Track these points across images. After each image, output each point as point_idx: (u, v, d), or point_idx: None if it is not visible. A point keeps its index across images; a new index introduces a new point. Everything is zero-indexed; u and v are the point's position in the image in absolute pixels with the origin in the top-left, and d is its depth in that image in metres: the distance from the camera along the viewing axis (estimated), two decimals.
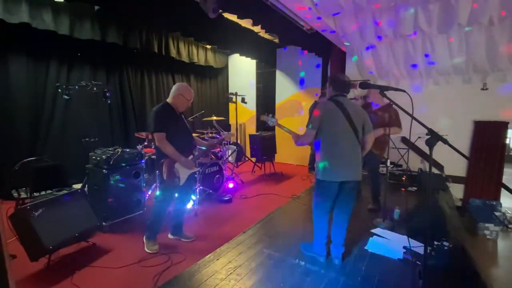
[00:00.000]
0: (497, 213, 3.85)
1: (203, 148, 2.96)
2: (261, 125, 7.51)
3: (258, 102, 7.76)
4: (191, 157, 2.72)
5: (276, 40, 6.09)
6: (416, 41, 4.64)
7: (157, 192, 2.89)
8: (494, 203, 4.06)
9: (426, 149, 1.44)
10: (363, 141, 2.32)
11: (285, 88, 7.15)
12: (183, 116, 2.76)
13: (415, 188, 4.39)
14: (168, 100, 2.67)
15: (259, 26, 4.31)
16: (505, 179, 4.67)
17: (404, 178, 4.64)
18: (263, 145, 5.73)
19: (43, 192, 3.19)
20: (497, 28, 3.99)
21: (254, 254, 2.51)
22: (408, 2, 3.99)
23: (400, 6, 4.07)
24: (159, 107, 2.59)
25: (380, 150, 3.43)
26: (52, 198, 2.57)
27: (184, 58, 6.20)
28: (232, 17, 4.59)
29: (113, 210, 3.12)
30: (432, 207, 2.75)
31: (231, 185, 4.64)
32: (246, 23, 4.98)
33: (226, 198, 4.14)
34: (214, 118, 5.08)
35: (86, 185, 3.36)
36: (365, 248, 2.62)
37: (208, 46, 6.85)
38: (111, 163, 3.07)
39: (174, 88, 2.68)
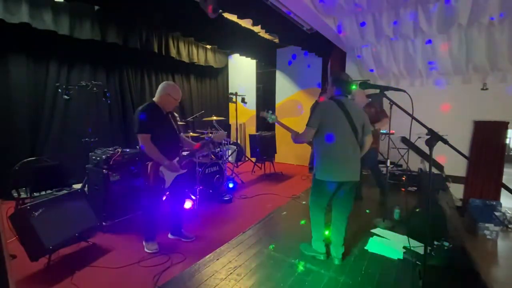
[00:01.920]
0: (497, 213, 3.85)
1: (185, 154, 2.87)
2: (261, 125, 7.51)
3: (258, 102, 7.76)
4: (177, 159, 2.63)
5: (276, 40, 6.09)
6: (416, 41, 4.64)
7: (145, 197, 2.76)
8: (494, 203, 4.06)
9: (426, 149, 1.44)
10: (363, 142, 2.32)
11: (285, 88, 7.15)
12: (170, 116, 2.65)
13: (415, 188, 4.39)
14: (155, 99, 2.56)
15: (259, 26, 4.31)
16: (505, 179, 4.67)
17: (404, 178, 4.64)
18: (263, 145, 5.73)
19: (43, 192, 3.19)
20: (497, 28, 3.99)
21: (254, 254, 2.51)
22: (408, 2, 3.99)
23: (400, 6, 4.07)
24: (144, 107, 2.48)
25: (377, 143, 3.68)
26: (52, 198, 2.57)
27: (184, 58, 6.20)
28: (232, 17, 4.59)
29: (113, 210, 3.12)
30: (432, 207, 2.74)
31: (231, 185, 4.63)
32: (246, 23, 4.97)
33: (226, 198, 4.14)
34: (214, 118, 5.08)
35: (86, 185, 3.36)
36: (365, 248, 2.62)
37: (208, 46, 6.85)
38: (111, 163, 3.07)
39: (160, 87, 2.57)
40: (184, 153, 2.94)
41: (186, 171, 2.78)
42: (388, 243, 2.69)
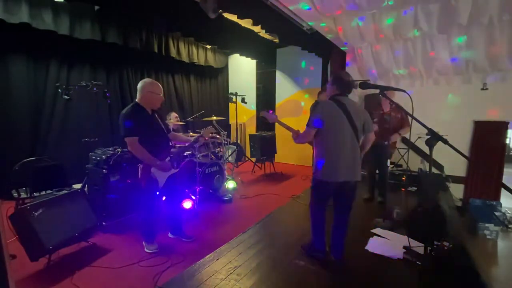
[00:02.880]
0: (497, 213, 3.84)
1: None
2: (261, 125, 7.51)
3: (258, 102, 7.76)
4: (168, 158, 2.61)
5: (276, 40, 6.08)
6: (416, 41, 4.64)
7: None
8: (494, 203, 4.05)
9: (426, 149, 1.44)
10: (363, 141, 2.32)
11: (285, 88, 7.15)
12: (156, 115, 2.60)
13: (415, 188, 4.39)
14: (137, 100, 2.50)
15: (259, 26, 4.31)
16: (505, 179, 4.66)
17: (404, 178, 4.64)
18: (263, 145, 5.73)
19: (43, 192, 3.19)
20: (497, 28, 3.99)
21: (254, 254, 2.51)
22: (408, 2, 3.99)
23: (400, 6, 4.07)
24: (128, 109, 2.42)
25: (394, 148, 3.81)
26: (52, 198, 2.56)
27: (184, 58, 6.21)
28: (232, 17, 4.59)
29: (113, 210, 3.11)
30: (432, 207, 2.75)
31: (231, 185, 4.62)
32: (246, 23, 4.97)
33: (226, 198, 4.14)
34: (214, 118, 5.08)
35: (86, 185, 3.36)
36: (365, 248, 2.62)
37: (208, 46, 6.85)
38: (111, 163, 3.07)
39: (139, 86, 2.50)
40: (173, 150, 2.88)
41: (178, 170, 2.74)
42: (388, 243, 2.69)
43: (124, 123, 2.35)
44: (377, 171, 3.94)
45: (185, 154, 3.85)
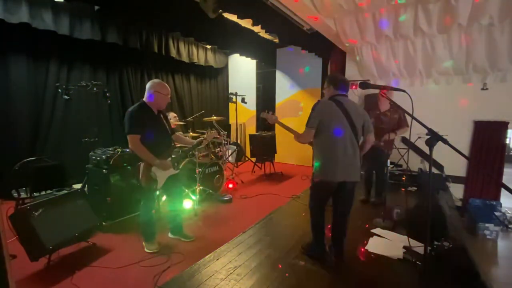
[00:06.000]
0: (497, 213, 3.85)
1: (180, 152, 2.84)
2: (261, 125, 7.51)
3: (258, 102, 7.76)
4: (169, 159, 2.63)
5: (276, 40, 6.08)
6: (416, 41, 4.64)
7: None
8: (494, 203, 4.06)
9: (426, 149, 1.44)
10: (363, 142, 2.32)
11: (285, 88, 7.15)
12: (161, 115, 2.65)
13: (415, 188, 4.39)
14: (145, 99, 2.55)
15: (259, 26, 4.31)
16: (505, 179, 4.67)
17: (404, 178, 4.64)
18: (263, 145, 5.73)
19: (43, 192, 3.19)
20: (497, 28, 3.99)
21: (254, 254, 2.51)
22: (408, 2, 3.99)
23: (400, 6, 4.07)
24: (135, 107, 2.47)
25: (390, 149, 3.70)
26: (52, 198, 2.57)
27: (184, 58, 6.20)
28: (232, 17, 4.59)
29: (113, 210, 3.11)
30: (432, 207, 2.74)
31: (230, 185, 4.63)
32: (246, 23, 4.97)
33: (226, 198, 4.14)
34: (214, 118, 5.08)
35: (86, 185, 3.36)
36: (365, 248, 2.62)
37: (208, 46, 6.85)
38: (111, 163, 3.07)
39: (148, 86, 2.55)
40: (176, 151, 2.90)
41: (179, 171, 2.76)
42: (388, 243, 2.69)
43: (129, 120, 2.39)
44: (373, 172, 3.91)
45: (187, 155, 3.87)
